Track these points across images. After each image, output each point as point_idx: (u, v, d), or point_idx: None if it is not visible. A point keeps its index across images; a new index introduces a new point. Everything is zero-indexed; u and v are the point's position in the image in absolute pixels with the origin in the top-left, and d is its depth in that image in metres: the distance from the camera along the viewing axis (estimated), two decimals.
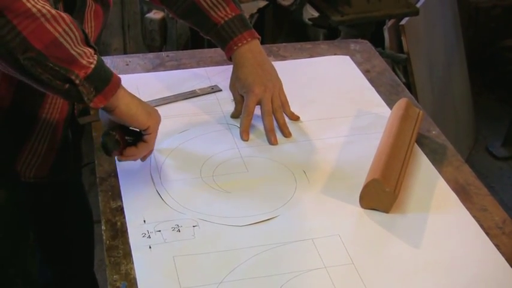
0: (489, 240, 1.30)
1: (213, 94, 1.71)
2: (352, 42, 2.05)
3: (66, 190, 1.74)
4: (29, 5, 1.09)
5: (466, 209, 1.37)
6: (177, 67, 1.83)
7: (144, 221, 1.30)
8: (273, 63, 1.62)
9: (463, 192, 1.42)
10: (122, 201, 1.35)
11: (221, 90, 1.72)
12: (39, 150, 1.43)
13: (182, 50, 2.64)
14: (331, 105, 1.70)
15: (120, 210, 1.33)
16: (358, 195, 1.36)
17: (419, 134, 1.58)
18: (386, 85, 1.81)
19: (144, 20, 2.88)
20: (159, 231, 1.28)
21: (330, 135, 1.58)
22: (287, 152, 1.51)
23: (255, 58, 1.57)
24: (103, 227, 1.29)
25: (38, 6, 1.10)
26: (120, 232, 1.27)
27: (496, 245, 1.28)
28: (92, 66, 1.18)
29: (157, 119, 1.35)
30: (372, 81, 1.82)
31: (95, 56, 1.19)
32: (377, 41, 2.86)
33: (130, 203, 1.34)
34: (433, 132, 1.62)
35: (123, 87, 1.27)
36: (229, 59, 1.61)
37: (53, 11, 1.12)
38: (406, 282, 1.20)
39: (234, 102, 1.65)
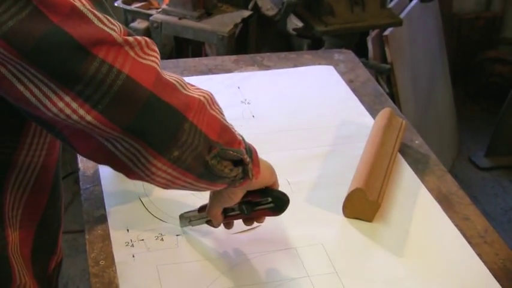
0: (471, 249, 1.30)
1: None
2: (336, 52, 2.06)
3: None
4: (196, 95, 0.94)
5: (448, 218, 1.38)
6: None
7: (128, 230, 1.29)
8: (257, 72, 1.62)
9: (445, 202, 1.43)
10: (105, 209, 1.34)
11: None
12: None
13: (166, 59, 2.64)
14: (314, 115, 1.71)
15: (104, 218, 1.32)
16: (342, 204, 1.36)
17: (402, 143, 1.58)
18: (370, 95, 1.81)
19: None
20: (142, 240, 1.27)
21: (313, 145, 1.58)
22: (270, 161, 1.51)
23: None
24: (86, 236, 1.28)
25: (197, 92, 0.96)
26: (103, 241, 1.27)
27: (478, 254, 1.29)
28: (240, 136, 1.04)
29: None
30: (355, 91, 1.82)
31: None
32: (361, 51, 2.87)
33: (113, 212, 1.34)
34: (416, 142, 1.63)
35: None
36: None
37: (207, 92, 0.98)
38: None
39: None
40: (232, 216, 1.23)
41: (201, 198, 1.38)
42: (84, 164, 1.47)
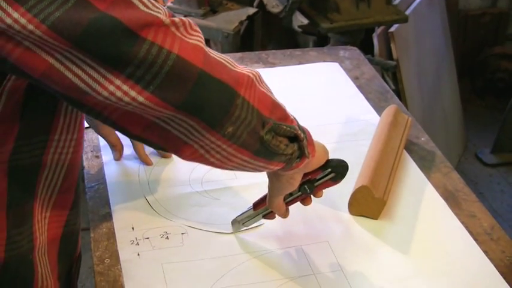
0: (477, 246, 1.30)
1: None
2: (342, 49, 2.06)
3: None
4: (244, 72, 0.94)
5: (454, 215, 1.37)
6: None
7: (133, 228, 1.29)
8: (262, 70, 1.61)
9: (451, 199, 1.42)
10: (110, 208, 1.34)
11: None
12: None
13: None
14: (320, 112, 1.70)
15: (109, 217, 1.32)
16: (347, 202, 1.36)
17: (408, 140, 1.58)
18: (375, 92, 1.81)
19: None
20: (148, 238, 1.27)
21: None
22: None
23: None
24: (91, 234, 1.28)
25: (246, 69, 0.96)
26: (108, 239, 1.27)
27: (485, 251, 1.29)
28: (292, 116, 1.04)
29: None
30: (360, 88, 1.82)
31: None
32: (366, 48, 2.87)
33: (118, 210, 1.34)
34: (422, 139, 1.62)
35: None
36: None
37: (254, 70, 0.98)
38: None
39: None
40: (293, 201, 1.23)
41: (207, 196, 1.38)
42: (89, 162, 1.47)
